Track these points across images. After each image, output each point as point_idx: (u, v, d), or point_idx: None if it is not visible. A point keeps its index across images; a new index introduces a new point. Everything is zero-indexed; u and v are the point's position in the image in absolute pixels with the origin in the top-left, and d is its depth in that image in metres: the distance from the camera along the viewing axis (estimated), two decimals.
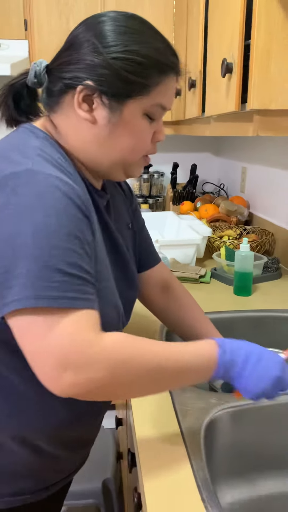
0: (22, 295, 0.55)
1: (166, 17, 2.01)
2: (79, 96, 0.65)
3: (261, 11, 0.88)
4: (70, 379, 0.56)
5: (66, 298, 0.56)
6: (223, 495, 0.76)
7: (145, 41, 0.65)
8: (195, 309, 0.95)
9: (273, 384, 0.65)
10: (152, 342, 0.63)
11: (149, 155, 0.74)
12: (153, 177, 2.50)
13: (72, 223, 0.58)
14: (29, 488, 0.76)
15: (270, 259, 1.51)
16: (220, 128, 1.33)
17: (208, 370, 0.64)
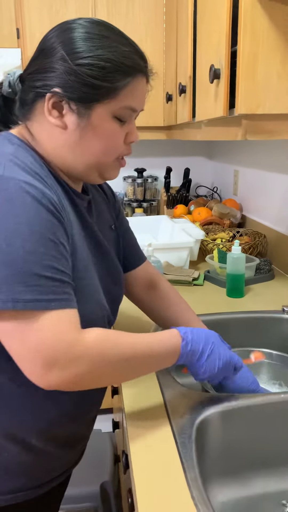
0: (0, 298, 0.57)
1: (156, 25, 2.03)
2: (49, 103, 0.68)
3: (246, 18, 0.90)
4: (56, 375, 0.61)
5: (43, 300, 0.59)
6: (215, 494, 0.77)
7: (109, 45, 0.67)
8: (180, 305, 0.99)
9: (224, 366, 0.78)
10: (127, 334, 0.70)
11: (124, 157, 0.76)
12: (147, 181, 2.52)
13: (44, 227, 0.61)
14: (22, 486, 0.76)
15: (262, 261, 1.53)
16: (210, 133, 1.35)
17: (173, 358, 0.74)
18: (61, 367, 0.60)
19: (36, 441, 0.74)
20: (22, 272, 0.58)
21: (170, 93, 1.88)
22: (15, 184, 0.61)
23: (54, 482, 0.82)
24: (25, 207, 0.60)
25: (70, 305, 0.63)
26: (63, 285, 0.62)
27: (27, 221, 0.59)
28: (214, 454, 0.77)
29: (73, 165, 0.72)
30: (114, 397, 1.43)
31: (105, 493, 1.47)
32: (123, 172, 2.57)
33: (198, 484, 0.61)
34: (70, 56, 0.66)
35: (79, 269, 0.69)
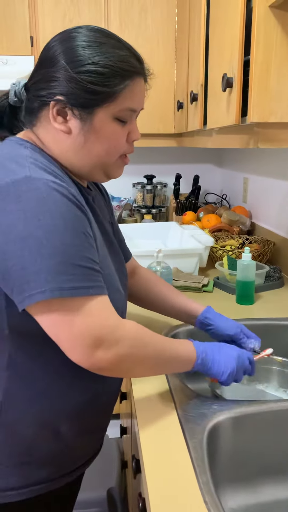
0: (47, 287, 0.62)
1: (168, 33, 2.06)
2: (53, 110, 0.72)
3: (259, 27, 0.92)
4: (101, 355, 0.66)
5: (84, 287, 0.65)
6: (226, 500, 0.77)
7: (106, 51, 0.71)
8: (161, 283, 1.06)
9: (237, 361, 0.82)
10: (155, 332, 0.76)
11: (127, 154, 0.80)
12: (156, 188, 2.53)
13: (76, 221, 0.66)
14: (49, 476, 0.79)
15: (272, 268, 1.53)
16: (221, 141, 1.36)
17: (191, 359, 0.80)
18: (106, 348, 0.66)
19: (64, 429, 0.78)
20: (62, 263, 0.63)
21: (181, 101, 1.90)
22: (44, 183, 0.65)
23: (77, 472, 0.85)
24: (57, 204, 0.64)
25: (104, 291, 0.68)
26: (97, 273, 0.68)
27: (61, 217, 0.64)
28: (225, 459, 0.77)
29: (80, 166, 0.76)
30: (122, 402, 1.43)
31: (112, 499, 1.46)
32: (133, 179, 2.59)
33: (210, 488, 0.61)
34: (70, 64, 0.69)
35: (99, 260, 0.73)
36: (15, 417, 0.74)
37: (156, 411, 0.79)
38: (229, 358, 0.82)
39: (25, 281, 0.63)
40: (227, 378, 0.81)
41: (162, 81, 2.11)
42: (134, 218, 2.45)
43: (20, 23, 1.98)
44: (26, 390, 0.74)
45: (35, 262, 0.62)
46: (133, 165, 2.57)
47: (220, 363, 0.81)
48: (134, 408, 0.83)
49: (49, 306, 0.64)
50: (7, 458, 0.76)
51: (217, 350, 0.82)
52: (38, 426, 0.75)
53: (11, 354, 0.73)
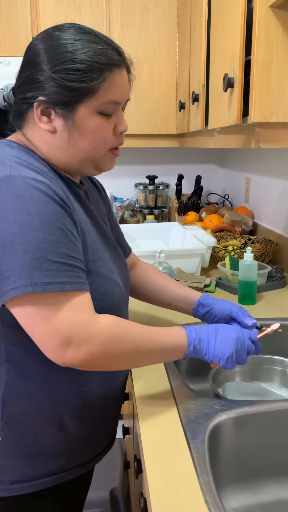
0: (19, 283, 0.63)
1: (170, 34, 2.06)
2: (37, 111, 0.73)
3: (260, 27, 0.92)
4: (72, 353, 0.67)
5: (58, 283, 0.64)
6: (228, 500, 0.77)
7: (82, 47, 0.71)
8: (159, 274, 1.07)
9: (236, 344, 0.80)
10: (136, 324, 0.75)
11: (118, 147, 0.80)
12: (159, 188, 2.53)
13: (53, 217, 0.66)
14: (58, 469, 0.80)
15: (274, 268, 1.53)
16: (223, 141, 1.36)
17: (181, 348, 0.78)
18: (76, 346, 0.66)
19: (68, 421, 0.78)
20: (37, 259, 0.63)
21: (183, 101, 1.90)
22: (22, 180, 0.66)
23: (87, 465, 0.85)
24: (34, 200, 0.65)
25: (83, 287, 0.68)
26: (74, 269, 0.67)
27: (37, 213, 0.65)
28: (226, 459, 0.77)
29: (68, 163, 0.77)
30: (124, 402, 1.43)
31: (115, 499, 1.47)
32: (135, 179, 2.59)
33: (211, 488, 0.61)
34: (49, 65, 0.71)
35: (90, 253, 0.75)
36: (18, 409, 0.75)
37: (158, 411, 0.79)
38: (227, 341, 0.79)
39: (2, 278, 0.64)
40: (225, 362, 0.79)
41: (164, 81, 2.11)
42: (137, 219, 2.45)
43: (22, 24, 1.98)
44: (27, 383, 0.75)
45: (10, 258, 0.63)
46: (135, 165, 2.57)
47: (216, 349, 0.78)
48: (136, 408, 0.83)
49: (23, 302, 0.65)
50: (15, 450, 0.77)
51: (213, 335, 0.80)
52: (42, 419, 0.76)
53: (8, 348, 0.74)
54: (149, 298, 1.06)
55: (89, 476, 0.98)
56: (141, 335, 0.74)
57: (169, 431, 0.74)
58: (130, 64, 0.78)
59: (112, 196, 2.39)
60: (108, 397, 0.83)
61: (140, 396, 0.85)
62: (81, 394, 0.78)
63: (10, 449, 0.77)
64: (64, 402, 0.77)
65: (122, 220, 2.41)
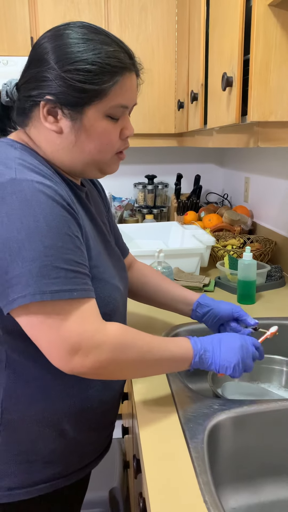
0: (27, 291, 0.61)
1: (168, 33, 2.06)
2: (43, 110, 0.71)
3: (259, 26, 0.91)
4: (80, 361, 0.66)
5: (66, 291, 0.63)
6: (227, 500, 0.77)
7: (94, 48, 0.69)
8: (157, 275, 1.05)
9: (241, 352, 0.79)
10: (143, 333, 0.74)
11: (123, 150, 0.78)
12: (158, 188, 2.53)
13: (60, 222, 0.64)
14: (57, 474, 0.79)
15: (273, 268, 1.53)
16: (222, 140, 1.36)
17: (187, 358, 0.77)
18: (84, 353, 0.65)
19: (67, 427, 0.78)
20: (45, 266, 0.62)
21: (182, 100, 1.90)
22: (29, 185, 0.64)
23: (85, 470, 0.85)
24: (41, 205, 0.63)
25: (90, 294, 0.67)
26: (81, 276, 0.66)
27: (44, 219, 0.63)
28: (225, 459, 0.77)
29: (72, 165, 0.75)
30: (123, 402, 1.43)
31: (114, 499, 1.46)
32: (134, 179, 2.59)
33: (210, 488, 0.61)
34: (58, 63, 0.68)
35: (93, 258, 0.74)
36: (17, 416, 0.75)
37: (157, 411, 0.79)
38: (231, 350, 0.79)
39: (9, 285, 0.62)
40: (232, 371, 0.78)
41: (163, 81, 2.11)
42: (136, 218, 2.45)
43: (21, 24, 1.98)
44: (26, 389, 0.74)
45: (17, 265, 0.61)
46: (134, 165, 2.57)
47: (222, 358, 0.78)
48: (135, 408, 0.83)
49: (29, 310, 0.63)
50: (13, 456, 0.76)
51: (218, 345, 0.79)
52: (40, 425, 0.76)
53: (8, 354, 0.73)
54: (146, 299, 1.05)
55: (87, 480, 0.98)
56: (148, 344, 0.73)
57: (168, 431, 0.74)
58: (140, 68, 0.76)
59: (111, 195, 2.39)
60: (107, 402, 0.83)
61: (139, 396, 0.85)
62: (80, 399, 0.78)
63: (9, 455, 0.76)
64: (64, 407, 0.77)
65: (121, 220, 2.41)
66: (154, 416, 0.78)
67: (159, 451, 0.69)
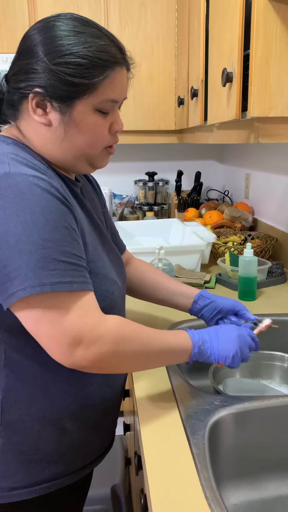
0: (27, 284, 0.61)
1: (168, 29, 2.05)
2: (32, 103, 0.70)
3: (259, 21, 0.91)
4: (81, 353, 0.65)
5: (66, 283, 0.63)
6: (228, 496, 0.77)
7: (85, 41, 0.68)
8: (156, 271, 1.05)
9: (238, 341, 0.80)
10: (142, 325, 0.74)
11: (113, 145, 0.78)
12: (158, 185, 2.52)
13: (57, 215, 0.64)
14: (59, 473, 0.79)
15: (274, 264, 1.53)
16: (222, 136, 1.36)
17: (187, 350, 0.77)
18: (86, 346, 0.65)
19: (69, 425, 0.77)
20: (44, 258, 0.62)
21: (182, 97, 1.89)
22: (24, 178, 0.64)
23: (87, 469, 0.84)
24: (37, 198, 0.63)
25: (89, 287, 0.67)
26: (80, 268, 0.66)
27: (40, 211, 0.63)
28: (226, 455, 0.77)
29: (62, 159, 0.75)
30: (125, 399, 1.43)
31: (116, 496, 1.47)
32: (134, 176, 2.58)
33: (211, 484, 0.61)
34: (48, 56, 0.68)
35: (89, 252, 0.73)
36: (17, 415, 0.74)
37: (158, 407, 0.79)
38: (229, 340, 0.79)
39: (8, 279, 0.62)
40: (231, 361, 0.78)
41: (163, 77, 2.10)
42: (136, 216, 2.44)
43: (20, 21, 1.97)
44: (26, 388, 0.74)
45: (16, 259, 0.61)
46: (134, 162, 2.56)
47: (220, 348, 0.78)
48: (136, 405, 0.83)
49: (29, 303, 0.63)
50: (14, 456, 0.76)
51: (215, 335, 0.79)
52: (41, 424, 0.75)
53: (7, 353, 0.72)
54: (145, 296, 1.04)
55: (89, 478, 0.97)
56: (148, 336, 0.73)
57: (169, 428, 0.74)
58: (131, 62, 0.75)
59: (112, 193, 2.38)
60: (108, 400, 0.83)
61: (140, 393, 0.85)
62: (81, 398, 0.77)
63: (10, 455, 0.75)
64: (64, 406, 0.76)
65: (122, 217, 2.41)
66: (155, 413, 0.78)
67: (160, 447, 0.69)
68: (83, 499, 0.97)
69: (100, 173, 0.93)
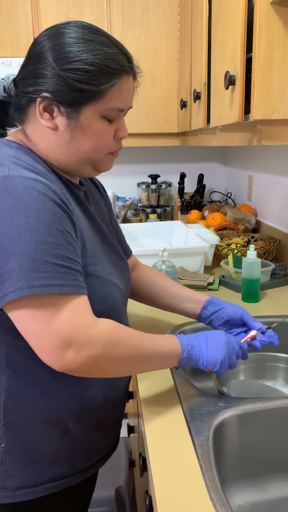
0: (16, 286, 0.62)
1: (171, 33, 2.06)
2: (39, 107, 0.71)
3: (261, 24, 0.91)
4: (71, 356, 0.65)
5: (57, 285, 0.63)
6: (233, 497, 0.77)
7: (94, 49, 0.70)
8: (163, 277, 1.05)
9: (227, 348, 0.80)
10: (133, 329, 0.74)
11: (118, 150, 0.79)
12: (161, 187, 2.53)
13: (51, 218, 0.65)
14: (63, 473, 0.79)
15: (277, 266, 1.53)
16: (225, 138, 1.36)
17: (176, 354, 0.77)
18: (76, 348, 0.64)
19: (71, 425, 0.78)
20: (35, 260, 0.62)
21: (185, 99, 1.90)
22: (21, 181, 0.65)
23: (91, 470, 0.85)
24: (32, 200, 0.64)
25: (81, 291, 0.67)
26: (72, 271, 0.66)
27: (35, 214, 0.63)
28: (231, 457, 0.77)
29: (66, 163, 0.76)
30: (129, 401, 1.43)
31: (120, 498, 1.47)
32: (137, 178, 2.59)
33: (216, 485, 0.61)
34: (57, 62, 0.69)
35: (88, 255, 0.74)
36: (20, 416, 0.75)
37: (162, 409, 0.80)
38: (218, 346, 0.79)
39: (1, 281, 0.63)
40: (219, 367, 0.79)
41: (166, 80, 2.11)
42: (139, 218, 2.45)
43: (23, 25, 1.99)
44: (28, 389, 0.74)
45: (8, 261, 0.62)
46: (137, 164, 2.57)
47: (209, 354, 0.78)
48: (140, 406, 0.83)
49: (19, 305, 0.63)
50: (18, 456, 0.76)
51: (204, 341, 0.79)
52: (44, 424, 0.76)
53: (8, 354, 0.73)
54: (152, 300, 1.04)
55: (94, 479, 0.98)
56: (139, 339, 0.73)
57: (173, 429, 0.74)
58: (137, 71, 0.77)
59: (115, 195, 2.39)
60: (111, 400, 0.83)
61: (144, 395, 0.85)
62: (83, 398, 0.78)
63: (13, 455, 0.76)
64: (67, 407, 0.76)
65: (125, 219, 2.41)
66: (160, 414, 0.78)
67: (165, 449, 0.70)
68: (88, 501, 0.97)
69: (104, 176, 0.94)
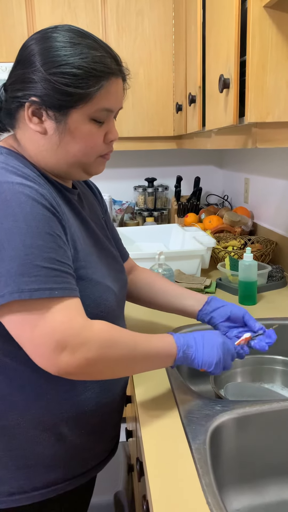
0: (6, 291, 0.61)
1: (165, 37, 2.06)
2: (28, 111, 0.72)
3: (254, 28, 0.92)
4: (66, 359, 0.64)
5: (47, 289, 0.63)
6: (230, 501, 0.76)
7: (81, 52, 0.70)
8: (162, 279, 1.04)
9: (222, 349, 0.79)
10: (127, 330, 0.74)
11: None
12: (158, 190, 2.53)
13: (40, 222, 0.64)
14: (59, 479, 0.79)
15: (274, 268, 1.53)
16: (220, 141, 1.36)
17: (172, 353, 0.76)
18: (71, 351, 0.64)
19: (66, 430, 0.77)
20: (24, 265, 0.62)
21: (180, 103, 1.91)
22: (9, 186, 0.65)
23: (88, 475, 0.84)
24: (20, 205, 0.64)
25: (73, 293, 0.66)
26: (63, 274, 0.66)
27: (23, 218, 0.63)
28: (228, 460, 0.77)
29: (56, 166, 0.76)
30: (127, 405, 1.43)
31: (119, 502, 1.46)
32: (134, 182, 2.59)
33: (213, 490, 0.61)
34: (45, 66, 0.70)
35: (80, 259, 0.73)
36: (13, 420, 0.74)
37: (159, 413, 0.79)
38: (214, 347, 0.79)
39: None
40: (214, 368, 0.78)
41: (161, 84, 2.11)
42: (136, 221, 2.45)
43: (18, 30, 1.99)
44: (21, 394, 0.74)
45: None
46: (134, 168, 2.57)
47: (205, 354, 0.78)
48: (137, 410, 0.83)
49: (10, 309, 0.63)
50: (12, 461, 0.76)
51: (201, 341, 0.79)
52: (38, 429, 0.75)
53: (0, 359, 0.72)
54: (150, 301, 1.03)
55: (92, 484, 0.97)
56: (134, 340, 0.72)
57: (170, 433, 0.74)
58: (126, 73, 0.77)
59: (111, 199, 2.39)
60: (106, 405, 0.82)
61: (141, 398, 0.85)
62: (77, 403, 0.77)
63: (7, 460, 0.75)
64: (60, 411, 0.76)
65: (122, 223, 2.41)
66: (156, 418, 0.78)
67: (162, 453, 0.69)
68: (86, 506, 0.96)
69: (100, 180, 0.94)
